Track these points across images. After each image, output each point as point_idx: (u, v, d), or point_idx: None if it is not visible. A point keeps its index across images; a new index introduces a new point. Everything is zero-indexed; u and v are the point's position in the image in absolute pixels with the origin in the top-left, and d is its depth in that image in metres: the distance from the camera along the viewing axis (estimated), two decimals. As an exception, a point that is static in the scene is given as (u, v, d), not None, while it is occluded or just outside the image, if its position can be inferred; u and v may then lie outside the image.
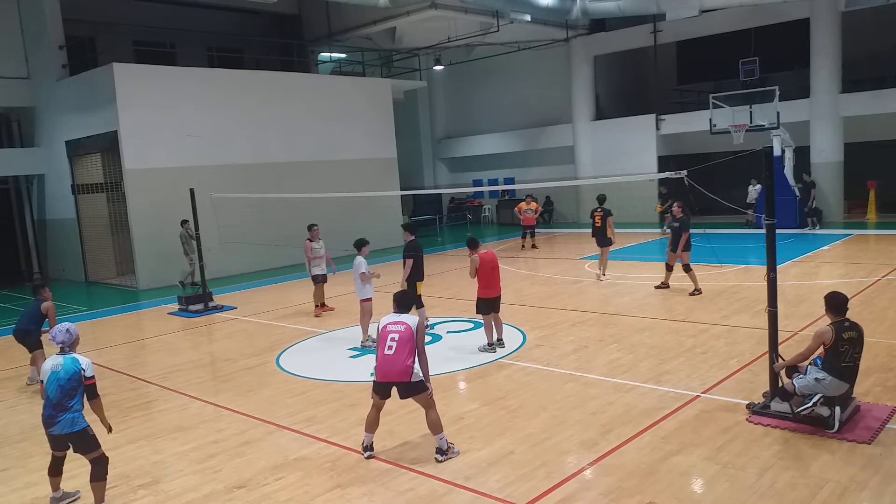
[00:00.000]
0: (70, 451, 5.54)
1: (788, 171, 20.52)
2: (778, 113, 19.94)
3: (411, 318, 6.14)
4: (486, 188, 30.91)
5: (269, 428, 7.19)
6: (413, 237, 10.65)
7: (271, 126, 20.06)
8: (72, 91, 18.87)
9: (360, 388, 8.25)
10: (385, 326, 6.14)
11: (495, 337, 9.60)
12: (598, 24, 26.15)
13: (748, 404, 6.70)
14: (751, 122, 20.27)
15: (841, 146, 21.68)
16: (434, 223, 29.33)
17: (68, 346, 5.52)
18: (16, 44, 20.03)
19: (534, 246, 20.12)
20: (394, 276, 10.81)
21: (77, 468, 5.96)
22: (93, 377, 5.46)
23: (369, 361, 9.45)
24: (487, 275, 9.40)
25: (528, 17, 22.76)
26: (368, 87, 23.42)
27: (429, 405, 6.09)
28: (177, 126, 18.09)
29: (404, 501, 5.41)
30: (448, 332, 10.83)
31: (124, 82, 17.25)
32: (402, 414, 7.22)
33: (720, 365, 8.20)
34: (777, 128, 20.00)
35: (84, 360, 5.45)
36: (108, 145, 17.87)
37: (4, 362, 10.85)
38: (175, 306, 14.42)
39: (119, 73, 17.21)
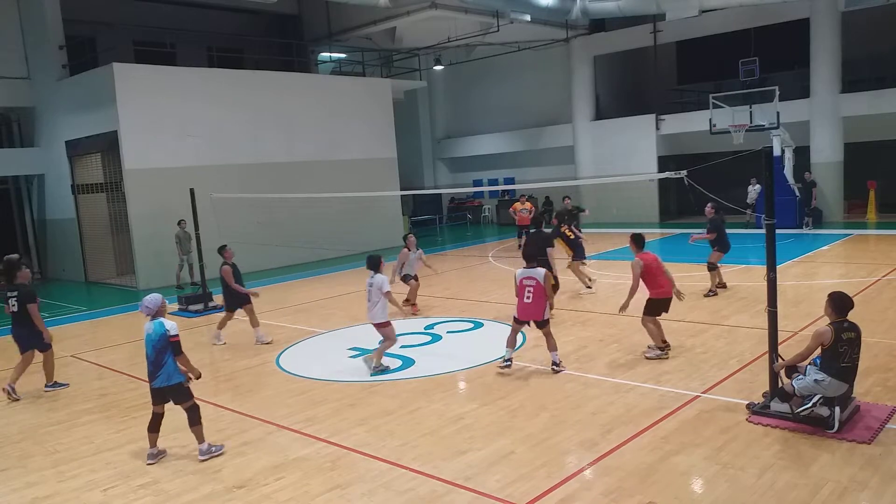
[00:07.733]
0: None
1: (788, 171, 20.51)
2: (778, 113, 19.91)
3: (539, 272, 8.27)
4: (486, 188, 30.86)
5: (269, 428, 7.19)
6: None
7: (271, 126, 20.04)
8: (72, 91, 18.85)
9: (361, 388, 8.26)
10: (521, 281, 8.33)
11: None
12: (598, 24, 26.12)
13: (748, 404, 6.69)
14: (751, 122, 20.23)
15: (841, 146, 21.67)
16: (434, 223, 29.35)
17: None
18: (16, 44, 19.98)
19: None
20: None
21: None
22: None
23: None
24: (658, 275, 8.72)
25: (528, 17, 22.74)
26: (368, 87, 23.40)
27: (549, 334, 8.42)
28: (177, 126, 18.06)
29: (404, 501, 5.41)
30: (448, 332, 10.82)
31: (124, 82, 17.23)
32: (402, 414, 7.24)
33: (720, 365, 8.20)
34: (777, 128, 19.99)
35: None
36: (107, 145, 17.85)
37: (4, 362, 10.85)
38: (175, 306, 14.39)
39: (119, 73, 17.19)
